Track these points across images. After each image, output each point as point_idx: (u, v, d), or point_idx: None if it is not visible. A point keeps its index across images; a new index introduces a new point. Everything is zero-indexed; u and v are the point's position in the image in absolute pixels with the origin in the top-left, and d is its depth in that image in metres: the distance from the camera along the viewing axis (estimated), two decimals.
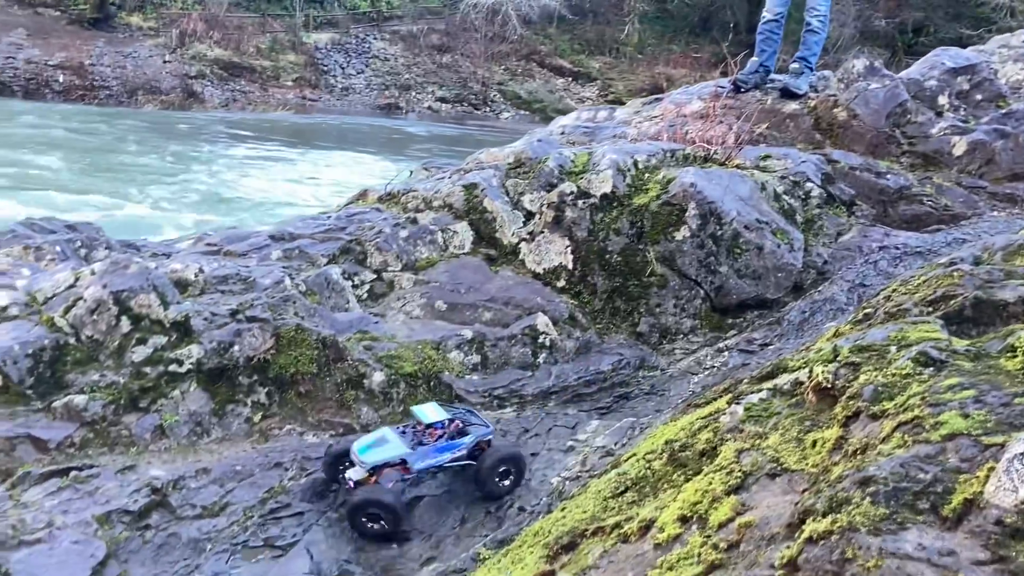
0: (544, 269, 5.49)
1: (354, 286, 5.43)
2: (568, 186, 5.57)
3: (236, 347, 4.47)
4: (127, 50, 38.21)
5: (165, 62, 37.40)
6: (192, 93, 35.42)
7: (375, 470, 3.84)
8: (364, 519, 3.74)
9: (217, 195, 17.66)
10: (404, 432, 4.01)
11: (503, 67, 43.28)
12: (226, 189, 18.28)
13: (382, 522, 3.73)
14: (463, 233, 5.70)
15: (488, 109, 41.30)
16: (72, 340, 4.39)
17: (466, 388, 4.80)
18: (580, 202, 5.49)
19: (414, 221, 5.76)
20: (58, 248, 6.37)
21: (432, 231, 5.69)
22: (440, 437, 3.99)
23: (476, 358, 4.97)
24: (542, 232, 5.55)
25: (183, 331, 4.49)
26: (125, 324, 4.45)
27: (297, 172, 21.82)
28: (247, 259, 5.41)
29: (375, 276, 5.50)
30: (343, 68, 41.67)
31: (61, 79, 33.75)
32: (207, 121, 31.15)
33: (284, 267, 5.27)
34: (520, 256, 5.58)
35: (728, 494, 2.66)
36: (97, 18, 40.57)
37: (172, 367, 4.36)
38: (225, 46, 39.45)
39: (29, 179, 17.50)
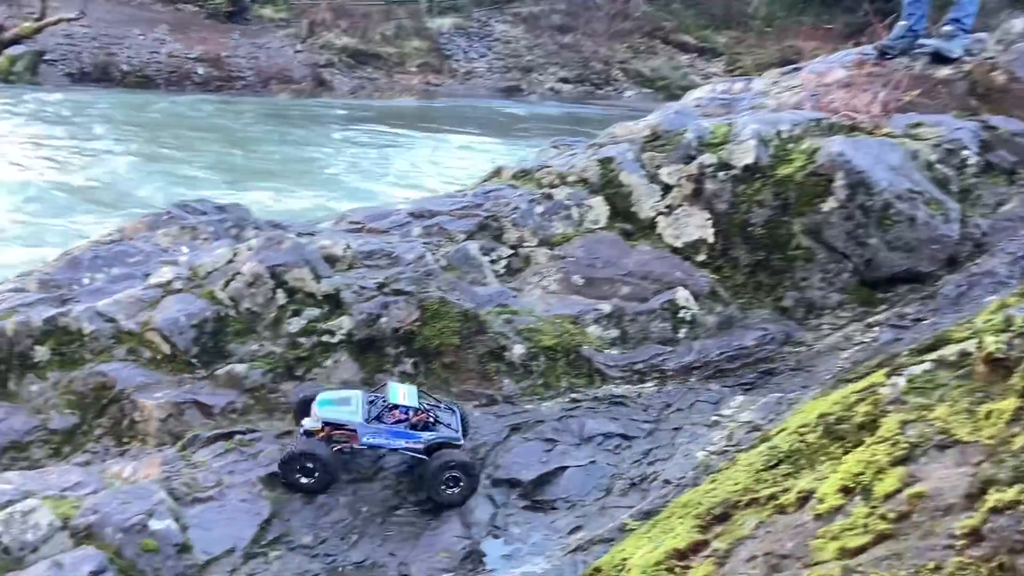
0: (683, 243, 5.41)
1: (491, 261, 5.49)
2: (708, 158, 5.46)
3: (384, 319, 4.61)
4: (260, 41, 39.74)
5: (296, 52, 38.69)
6: (322, 81, 36.48)
7: (326, 426, 3.83)
8: (297, 469, 3.74)
9: (349, 178, 18.21)
10: (373, 402, 3.99)
11: (626, 45, 42.75)
12: (357, 172, 18.83)
13: (315, 476, 3.74)
14: (598, 208, 5.68)
15: (610, 88, 40.89)
16: (232, 312, 4.62)
17: (605, 362, 4.81)
18: (721, 174, 5.38)
19: (549, 197, 5.77)
20: (211, 228, 6.70)
21: (567, 206, 5.69)
22: (400, 422, 3.92)
23: (615, 332, 4.96)
24: (680, 205, 5.47)
25: (334, 303, 4.66)
26: (280, 297, 4.65)
27: (424, 155, 22.25)
28: (389, 236, 5.55)
29: (512, 251, 5.55)
30: (465, 52, 42.09)
31: (200, 71, 35.36)
32: (337, 108, 32.10)
33: (425, 243, 5.39)
34: (657, 230, 5.51)
35: (894, 465, 2.58)
36: (232, 11, 42.31)
37: (325, 337, 4.54)
38: (352, 34, 40.49)
39: (177, 165, 18.51)
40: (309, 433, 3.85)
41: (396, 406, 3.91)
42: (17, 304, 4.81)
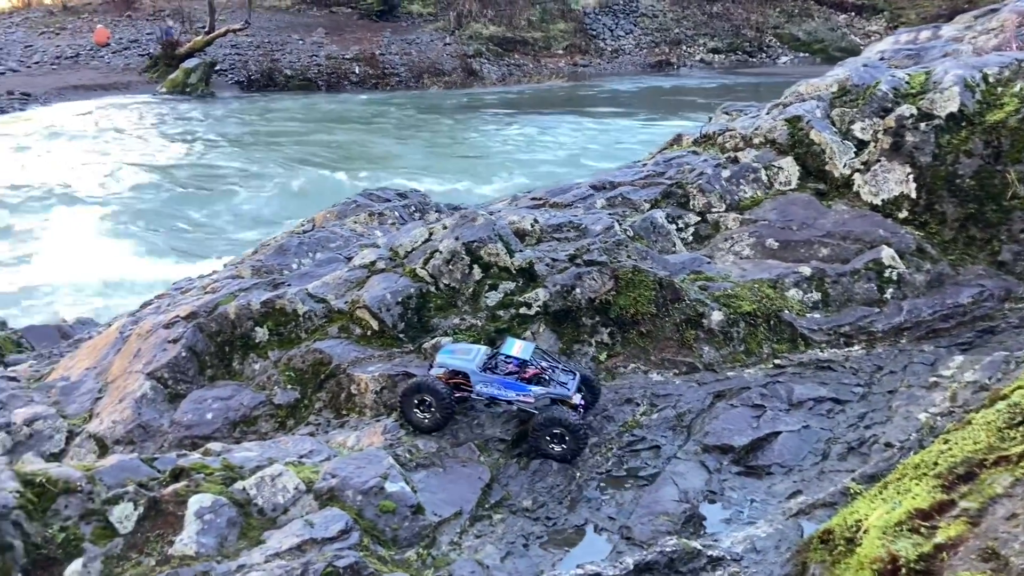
0: (882, 200, 5.16)
1: (678, 229, 5.43)
2: (906, 109, 5.17)
3: (578, 290, 4.63)
4: (411, 37, 40.81)
5: (445, 44, 39.49)
6: (471, 71, 37.11)
7: (447, 372, 4.01)
8: (415, 404, 3.92)
9: (507, 161, 18.46)
10: (494, 356, 4.07)
11: (778, 9, 41.18)
12: (513, 155, 19.06)
13: (430, 411, 3.91)
14: (788, 168, 5.49)
15: (764, 55, 39.55)
16: (432, 288, 4.77)
17: (808, 326, 4.65)
18: (922, 125, 5.08)
19: (735, 160, 5.63)
20: (396, 213, 6.95)
21: (755, 169, 5.53)
22: (510, 374, 3.98)
23: (816, 295, 4.79)
24: (878, 161, 5.21)
25: (528, 276, 4.73)
26: (476, 272, 4.76)
27: (579, 135, 22.24)
28: (574, 209, 5.58)
29: (699, 218, 5.46)
30: (612, 30, 41.70)
31: (357, 70, 36.70)
32: (487, 96, 32.56)
33: (610, 214, 5.38)
34: (854, 188, 5.28)
35: None
36: (383, 10, 43.62)
37: (522, 310, 4.61)
38: (498, 23, 40.92)
39: (348, 159, 19.32)
40: (438, 377, 4.02)
41: (508, 357, 4.02)
42: (235, 289, 5.15)
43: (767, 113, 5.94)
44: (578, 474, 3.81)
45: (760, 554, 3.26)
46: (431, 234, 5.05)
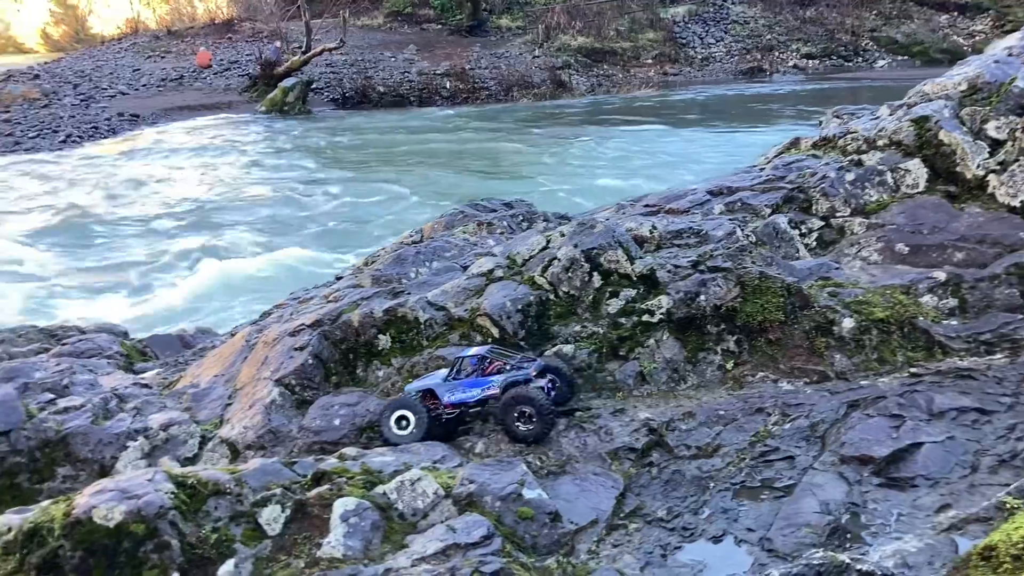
0: (1021, 202, 4.92)
1: (801, 234, 5.29)
2: None
3: (702, 297, 4.55)
4: (500, 51, 41.20)
5: (534, 57, 39.71)
6: (560, 83, 37.20)
7: (421, 394, 4.18)
8: (395, 418, 4.09)
9: (601, 171, 18.42)
10: (458, 361, 4.23)
11: (874, 12, 40.05)
12: (608, 165, 19.01)
13: (409, 427, 4.05)
14: (916, 171, 5.29)
15: (860, 60, 38.50)
16: (551, 296, 4.76)
17: (946, 334, 4.45)
18: None
19: (859, 163, 5.46)
20: (504, 222, 6.98)
21: (880, 172, 5.35)
22: (471, 373, 4.12)
23: (952, 301, 4.59)
24: (1016, 161, 4.97)
25: (650, 283, 4.67)
26: (596, 279, 4.73)
27: (673, 144, 22.05)
28: (691, 215, 5.50)
29: (823, 223, 5.31)
30: (702, 39, 41.26)
31: (448, 85, 37.23)
32: (577, 108, 32.58)
33: (730, 219, 5.28)
34: (988, 190, 5.05)
35: None
36: (472, 25, 44.18)
37: (644, 317, 4.56)
38: (587, 34, 40.96)
39: (446, 170, 19.61)
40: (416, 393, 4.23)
41: (463, 357, 4.19)
42: (357, 298, 5.24)
43: (891, 114, 5.75)
44: (712, 484, 3.73)
45: (913, 570, 3.12)
46: (548, 242, 5.04)
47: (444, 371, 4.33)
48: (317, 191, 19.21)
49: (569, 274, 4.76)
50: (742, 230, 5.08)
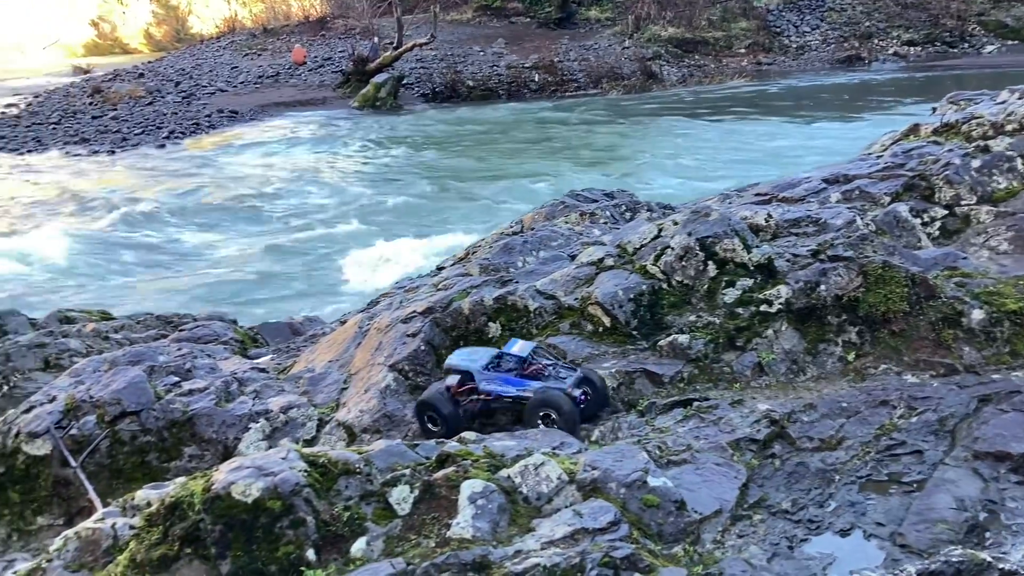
0: None
1: (923, 223, 5.11)
2: None
3: (822, 286, 4.44)
4: (588, 43, 41.01)
5: (624, 48, 39.40)
6: (651, 74, 36.81)
7: (458, 376, 4.18)
8: (426, 417, 4.19)
9: (697, 161, 18.17)
10: (500, 355, 4.21)
11: None
12: (701, 155, 18.74)
13: (438, 425, 4.14)
14: None
15: (966, 45, 36.95)
16: (665, 285, 4.71)
17: None
18: None
19: (985, 149, 5.25)
20: (608, 212, 6.95)
21: (1010, 158, 5.13)
22: (511, 371, 4.11)
23: None
24: None
25: (767, 272, 4.58)
26: (711, 268, 4.66)
27: (766, 134, 21.58)
28: (807, 203, 5.37)
29: (946, 211, 5.12)
30: (796, 27, 40.24)
31: (536, 78, 37.26)
32: (668, 99, 32.19)
33: (849, 208, 5.14)
34: None
35: None
36: (561, 18, 44.10)
37: (762, 307, 4.47)
38: (677, 24, 40.41)
39: (538, 161, 19.67)
40: (448, 388, 4.22)
41: (509, 355, 4.18)
42: (467, 286, 5.29)
43: (1019, 98, 5.50)
44: (837, 477, 3.64)
45: None
46: (660, 230, 4.99)
47: (483, 352, 4.34)
48: (411, 184, 19.49)
49: (683, 263, 4.71)
50: (862, 219, 4.94)
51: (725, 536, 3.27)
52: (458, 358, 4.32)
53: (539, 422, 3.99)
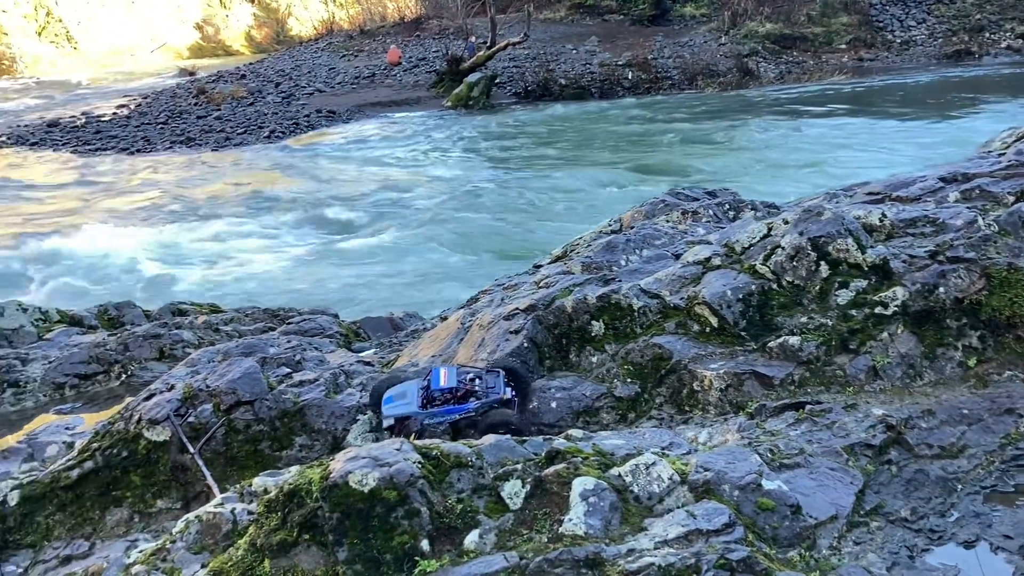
0: None
1: None
2: None
3: (941, 289, 4.28)
4: (683, 40, 40.49)
5: (719, 45, 38.77)
6: (747, 71, 36.11)
7: (397, 420, 4.31)
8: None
9: (796, 160, 17.75)
10: (425, 387, 4.35)
11: None
12: (801, 154, 18.29)
13: None
14: None
15: None
16: (774, 285, 4.62)
17: None
18: None
19: None
20: (711, 211, 6.85)
21: None
22: (447, 402, 4.29)
23: None
24: None
25: (882, 274, 4.44)
26: (824, 269, 4.55)
27: (869, 133, 20.91)
28: (922, 203, 5.19)
29: None
30: (901, 21, 38.88)
31: (629, 76, 36.99)
32: (765, 96, 31.52)
33: (969, 207, 4.94)
34: None
35: None
36: (655, 15, 43.69)
37: (877, 309, 4.34)
38: (775, 19, 39.53)
39: (634, 160, 19.56)
40: (390, 429, 4.34)
41: (440, 390, 4.32)
42: (569, 284, 5.29)
43: None
44: (960, 487, 3.50)
45: None
46: (770, 229, 4.89)
47: (410, 390, 4.46)
48: (503, 182, 19.60)
49: (794, 263, 4.61)
50: (983, 219, 4.73)
51: (841, 542, 3.19)
52: (390, 408, 4.44)
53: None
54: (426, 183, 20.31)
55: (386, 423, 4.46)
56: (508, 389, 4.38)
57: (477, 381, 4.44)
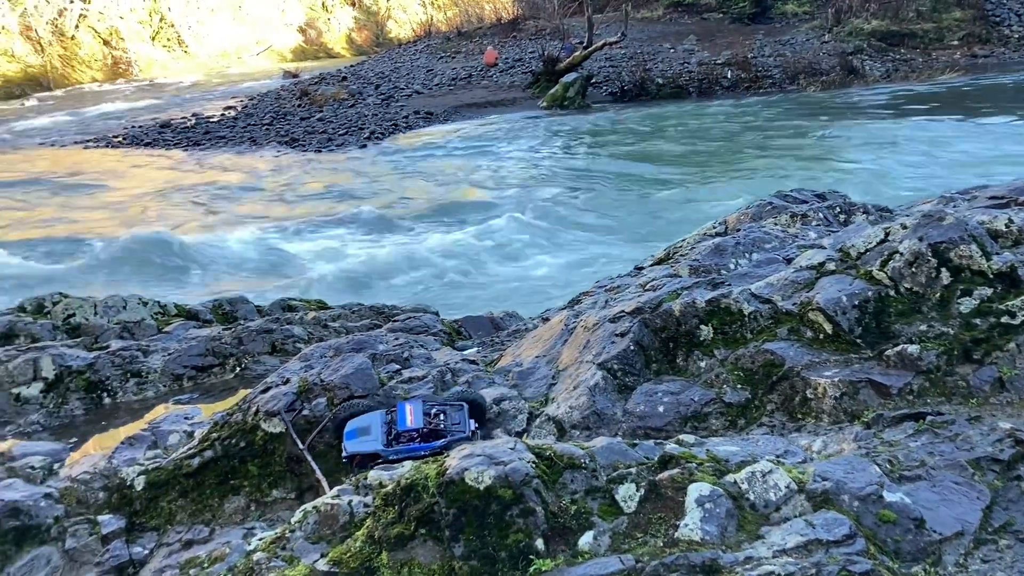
0: None
1: None
2: None
3: None
4: (784, 38, 39.59)
5: (822, 43, 37.77)
6: (851, 70, 35.07)
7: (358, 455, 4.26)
8: None
9: (902, 163, 17.16)
10: (389, 422, 4.31)
11: None
12: (910, 157, 17.67)
13: None
14: None
15: None
16: (892, 292, 4.49)
17: None
18: None
19: None
20: (820, 214, 6.70)
21: None
22: (413, 439, 4.25)
23: None
24: None
25: (1009, 282, 4.28)
26: (945, 276, 4.40)
27: (983, 136, 20.05)
28: None
29: None
30: (1020, 15, 37.11)
31: (728, 75, 36.37)
32: (872, 95, 30.55)
33: None
34: None
35: None
36: (755, 13, 42.85)
37: (1003, 319, 4.17)
38: (882, 16, 38.26)
39: (734, 161, 19.25)
40: (349, 459, 4.34)
41: (406, 431, 4.29)
42: (677, 287, 5.26)
43: None
44: None
45: None
46: (887, 234, 4.76)
47: (373, 424, 4.43)
48: (599, 183, 19.55)
49: (913, 269, 4.47)
50: None
51: (968, 560, 3.09)
52: (354, 444, 4.42)
53: None
54: (520, 184, 20.42)
55: (345, 454, 4.49)
56: (472, 422, 4.50)
57: (442, 416, 4.50)
